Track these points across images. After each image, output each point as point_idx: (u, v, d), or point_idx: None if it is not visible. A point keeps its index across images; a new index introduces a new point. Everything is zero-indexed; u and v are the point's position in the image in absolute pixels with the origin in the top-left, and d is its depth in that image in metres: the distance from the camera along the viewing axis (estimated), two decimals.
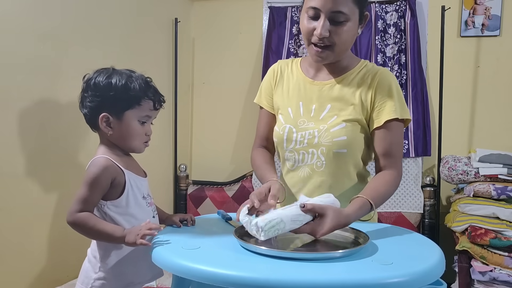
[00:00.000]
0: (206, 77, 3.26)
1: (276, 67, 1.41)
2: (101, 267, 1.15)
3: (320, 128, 1.25)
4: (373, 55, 2.80)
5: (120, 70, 1.20)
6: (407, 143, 2.77)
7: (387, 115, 1.23)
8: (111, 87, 1.15)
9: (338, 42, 1.20)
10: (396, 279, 0.83)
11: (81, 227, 1.10)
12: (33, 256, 1.84)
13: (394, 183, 1.25)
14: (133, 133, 1.18)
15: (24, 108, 1.77)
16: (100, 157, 1.15)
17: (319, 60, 1.24)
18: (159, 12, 2.84)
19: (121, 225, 1.13)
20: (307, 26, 1.21)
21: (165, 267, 0.95)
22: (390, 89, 1.24)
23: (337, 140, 1.23)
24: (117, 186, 1.15)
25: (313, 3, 1.17)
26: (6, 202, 1.70)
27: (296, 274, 0.84)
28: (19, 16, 1.74)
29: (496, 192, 2.25)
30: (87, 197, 1.11)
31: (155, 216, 1.24)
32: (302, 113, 1.30)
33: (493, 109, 2.72)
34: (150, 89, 1.19)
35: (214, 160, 3.18)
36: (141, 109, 1.17)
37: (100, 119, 1.16)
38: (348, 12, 1.17)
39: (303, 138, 1.27)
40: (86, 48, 2.10)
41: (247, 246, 0.97)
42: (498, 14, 2.67)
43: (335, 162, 1.25)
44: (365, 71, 1.29)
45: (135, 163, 1.26)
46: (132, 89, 1.15)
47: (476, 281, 2.11)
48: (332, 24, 1.18)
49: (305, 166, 1.28)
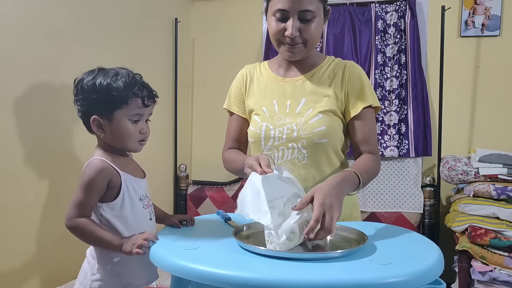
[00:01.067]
0: (206, 77, 3.26)
1: (245, 72, 1.43)
2: (99, 268, 1.14)
3: (298, 121, 1.27)
4: (373, 55, 2.80)
5: (107, 69, 1.17)
6: (407, 143, 2.77)
7: (362, 103, 1.28)
8: (95, 89, 1.12)
9: (308, 39, 1.25)
10: (394, 279, 0.83)
11: (79, 233, 1.10)
12: (33, 256, 1.84)
13: (376, 163, 1.29)
14: (125, 133, 1.15)
15: (24, 108, 1.77)
16: (95, 159, 1.14)
17: (292, 55, 1.28)
18: (159, 12, 2.84)
19: (116, 228, 1.12)
20: (276, 28, 1.25)
21: (164, 268, 0.95)
22: (360, 80, 1.30)
23: (317, 130, 1.25)
24: (113, 188, 1.13)
25: (280, 6, 1.21)
26: (6, 201, 1.70)
27: (295, 274, 0.84)
28: (20, 18, 1.75)
29: (496, 192, 2.25)
30: (84, 201, 1.10)
31: (152, 218, 1.22)
32: (277, 110, 1.31)
33: (493, 109, 2.72)
34: (135, 86, 1.14)
35: (214, 160, 3.16)
36: (129, 108, 1.14)
37: (92, 122, 1.15)
38: (314, 9, 1.22)
39: (281, 133, 1.28)
40: (87, 48, 2.11)
41: (246, 246, 0.97)
42: (498, 14, 2.67)
43: (316, 153, 1.27)
44: (333, 65, 1.34)
45: (133, 164, 1.24)
46: (116, 89, 1.12)
47: (476, 281, 2.11)
48: (301, 23, 1.22)
49: (285, 162, 1.28)
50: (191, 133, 3.32)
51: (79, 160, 2.00)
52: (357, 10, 2.86)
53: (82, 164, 1.16)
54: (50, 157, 1.90)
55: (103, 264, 1.14)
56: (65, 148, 1.98)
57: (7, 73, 1.70)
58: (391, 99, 2.80)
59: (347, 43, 2.84)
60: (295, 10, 1.20)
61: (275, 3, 1.23)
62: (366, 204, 2.79)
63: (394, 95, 2.79)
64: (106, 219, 1.13)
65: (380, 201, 2.78)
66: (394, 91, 2.79)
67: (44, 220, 1.88)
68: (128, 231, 1.13)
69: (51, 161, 1.90)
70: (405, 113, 2.79)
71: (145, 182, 1.24)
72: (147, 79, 1.21)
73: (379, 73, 2.79)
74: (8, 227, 1.71)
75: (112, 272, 1.14)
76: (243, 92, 1.41)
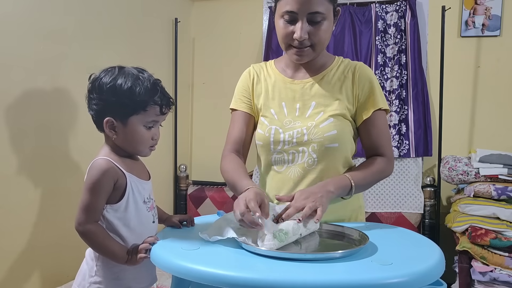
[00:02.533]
0: (206, 77, 3.26)
1: (252, 70, 1.39)
2: (98, 270, 1.12)
3: (308, 125, 1.24)
4: (373, 55, 2.80)
5: (127, 69, 1.13)
6: (408, 143, 2.77)
7: (373, 106, 1.26)
8: (115, 91, 1.09)
9: (317, 42, 1.21)
10: (395, 280, 0.82)
11: (89, 239, 1.08)
12: (33, 256, 1.84)
13: (385, 165, 1.28)
14: (139, 138, 1.12)
15: (24, 108, 1.77)
16: (100, 159, 1.11)
17: (300, 59, 1.25)
18: (159, 12, 2.84)
19: (118, 230, 1.10)
20: (284, 30, 1.21)
21: (164, 268, 0.95)
22: (371, 82, 1.28)
23: (328, 135, 1.23)
24: (118, 190, 1.10)
25: (289, 7, 1.18)
26: (6, 201, 1.70)
27: (296, 275, 0.84)
28: (20, 17, 1.74)
29: (496, 192, 2.25)
30: (92, 204, 1.07)
31: (155, 221, 1.20)
32: (286, 113, 1.29)
33: (493, 109, 2.72)
34: (157, 93, 1.11)
35: (214, 160, 3.16)
36: (146, 115, 1.11)
37: (105, 123, 1.11)
38: (324, 11, 1.18)
39: (291, 137, 1.25)
40: (87, 48, 2.11)
41: (247, 247, 0.97)
42: (498, 14, 2.66)
43: (327, 158, 1.24)
44: (343, 66, 1.31)
45: (140, 165, 1.21)
46: (138, 94, 1.08)
47: (476, 281, 2.10)
48: (310, 25, 1.19)
49: (295, 166, 1.26)
50: (191, 133, 3.32)
51: (79, 160, 2.00)
52: (357, 10, 2.86)
53: (82, 164, 1.16)
54: (50, 157, 1.90)
55: (102, 266, 1.12)
56: (65, 148, 1.97)
57: (7, 73, 1.69)
58: (391, 99, 2.80)
59: (347, 43, 2.84)
60: (304, 12, 1.17)
61: (283, 5, 1.19)
62: (366, 205, 2.79)
63: (394, 96, 2.79)
64: (108, 221, 1.10)
65: (381, 202, 2.78)
66: (395, 91, 2.79)
67: (44, 220, 1.88)
68: (131, 234, 1.11)
69: (51, 161, 1.90)
70: (405, 113, 2.79)
71: (150, 184, 1.21)
72: None
73: (379, 73, 2.79)
74: (8, 227, 1.71)
75: (111, 274, 1.12)
76: (251, 89, 1.37)
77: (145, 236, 1.12)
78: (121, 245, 1.09)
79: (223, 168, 1.32)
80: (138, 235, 1.12)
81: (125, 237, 1.11)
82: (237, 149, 1.36)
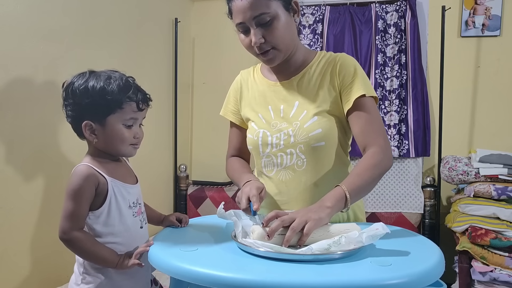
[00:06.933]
0: (206, 77, 3.26)
1: (239, 79, 1.41)
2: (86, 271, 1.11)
3: (293, 126, 1.23)
4: (373, 55, 2.80)
5: (98, 72, 1.12)
6: (407, 144, 2.77)
7: (355, 93, 1.21)
8: (88, 93, 1.07)
9: (277, 41, 1.19)
10: (395, 281, 0.82)
11: (75, 247, 1.07)
12: (33, 256, 1.84)
13: (378, 159, 1.17)
14: (119, 137, 1.10)
15: (24, 108, 1.77)
16: (81, 165, 1.10)
17: (269, 62, 1.25)
18: (159, 12, 2.84)
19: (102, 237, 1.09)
20: (244, 42, 1.22)
21: (162, 270, 0.95)
22: (351, 70, 1.23)
23: (313, 134, 1.21)
24: (99, 195, 1.08)
25: (237, 20, 1.18)
26: (6, 201, 1.70)
27: (295, 276, 0.84)
28: (20, 17, 1.74)
29: (496, 192, 2.24)
30: (74, 211, 1.06)
31: (143, 226, 1.17)
32: (273, 116, 1.28)
33: (493, 109, 2.71)
34: (130, 89, 1.10)
35: (214, 160, 3.18)
36: (123, 112, 1.09)
37: (84, 128, 1.10)
38: (270, 9, 1.16)
39: (278, 140, 1.25)
40: (87, 48, 2.10)
41: (245, 248, 0.97)
42: (498, 14, 2.66)
43: (315, 158, 1.23)
44: (324, 60, 1.28)
45: (125, 169, 1.19)
46: (110, 93, 1.07)
47: (476, 281, 2.10)
48: (263, 28, 1.17)
49: (285, 169, 1.26)
50: (191, 133, 3.32)
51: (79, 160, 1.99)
52: (357, 10, 2.86)
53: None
54: (50, 157, 1.90)
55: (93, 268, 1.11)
56: (65, 148, 1.97)
57: (6, 73, 1.69)
58: (391, 99, 2.79)
59: (347, 43, 2.84)
60: (250, 18, 1.16)
61: (234, 19, 1.20)
62: (366, 205, 2.79)
63: (394, 95, 2.79)
64: (91, 227, 1.09)
65: (381, 202, 2.77)
66: (395, 91, 2.78)
67: (43, 220, 1.87)
68: (116, 240, 1.10)
69: (51, 161, 1.90)
70: (405, 113, 2.78)
71: (137, 188, 1.19)
72: (147, 79, 1.20)
73: (379, 73, 2.78)
74: (7, 227, 1.71)
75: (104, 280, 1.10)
76: (238, 99, 1.39)
77: (132, 241, 1.11)
78: (110, 249, 1.08)
79: (227, 169, 1.40)
80: (124, 240, 1.11)
81: (110, 243, 1.09)
82: (237, 154, 1.43)
